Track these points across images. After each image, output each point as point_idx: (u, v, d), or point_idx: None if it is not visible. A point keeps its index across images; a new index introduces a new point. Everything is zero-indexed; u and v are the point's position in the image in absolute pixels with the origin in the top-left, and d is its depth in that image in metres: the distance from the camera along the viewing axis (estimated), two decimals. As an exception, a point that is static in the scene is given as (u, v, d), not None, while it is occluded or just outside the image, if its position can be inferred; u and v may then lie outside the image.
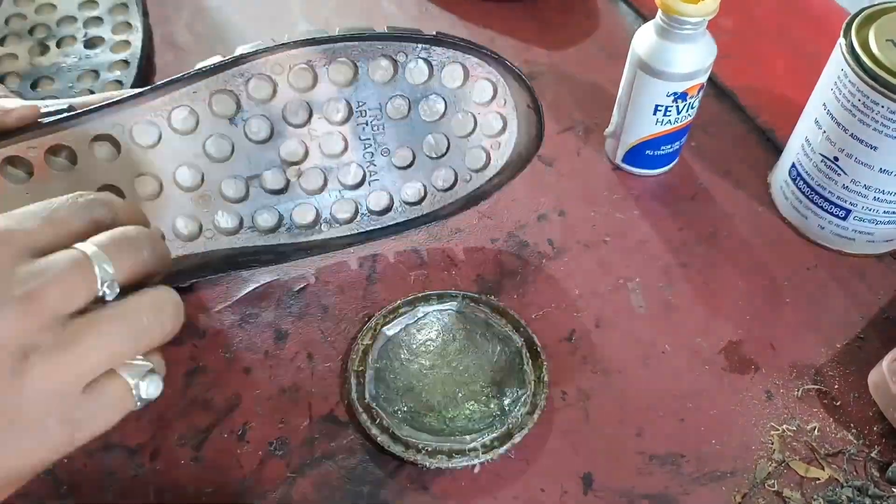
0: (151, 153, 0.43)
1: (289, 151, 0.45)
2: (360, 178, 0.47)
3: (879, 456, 0.43)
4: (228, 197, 0.45)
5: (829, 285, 0.51)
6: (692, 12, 0.48)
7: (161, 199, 0.44)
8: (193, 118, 0.43)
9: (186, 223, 0.45)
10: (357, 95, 0.44)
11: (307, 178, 0.46)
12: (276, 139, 0.44)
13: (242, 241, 0.47)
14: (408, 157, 0.47)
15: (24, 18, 0.62)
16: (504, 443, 0.42)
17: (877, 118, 0.45)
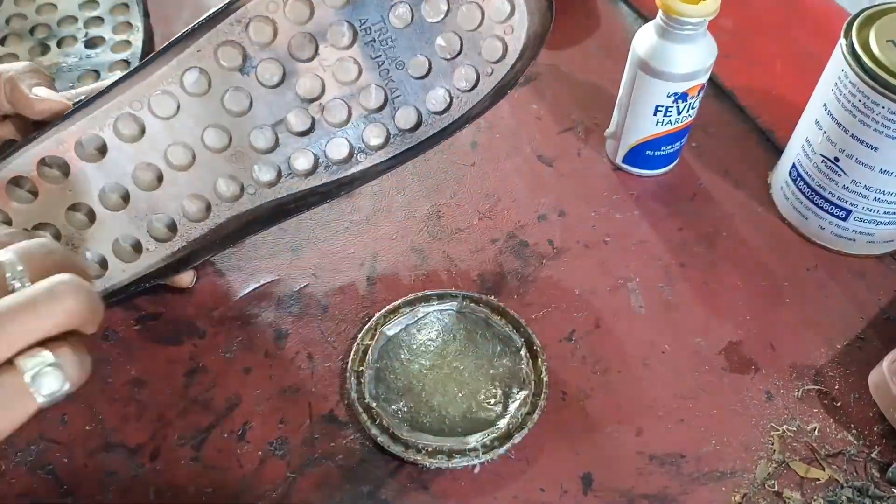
0: (175, 122, 0.43)
1: (305, 89, 0.44)
2: (383, 99, 0.46)
3: (880, 456, 0.43)
4: (259, 148, 0.45)
5: (830, 286, 0.51)
6: (693, 13, 0.48)
7: (196, 165, 0.44)
8: (205, 78, 0.42)
9: (227, 184, 0.45)
10: (357, 14, 0.43)
11: (330, 112, 0.45)
12: (290, 79, 0.43)
13: (285, 189, 0.46)
14: (424, 65, 0.45)
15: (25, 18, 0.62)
16: (504, 443, 0.42)
17: (877, 119, 0.45)
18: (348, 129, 0.46)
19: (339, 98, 0.45)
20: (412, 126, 0.47)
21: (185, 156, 0.44)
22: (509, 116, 0.61)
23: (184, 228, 0.45)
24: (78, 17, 0.62)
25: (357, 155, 0.47)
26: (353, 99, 0.45)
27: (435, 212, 0.54)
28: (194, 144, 0.44)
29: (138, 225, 0.45)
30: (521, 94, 0.63)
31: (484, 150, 0.58)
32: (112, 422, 0.44)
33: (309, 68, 0.43)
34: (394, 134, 0.47)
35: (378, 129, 0.47)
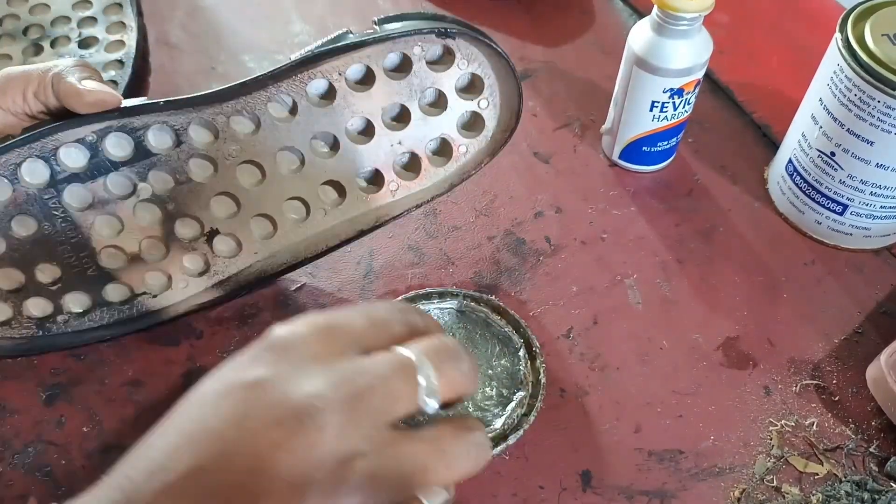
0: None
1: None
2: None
3: (878, 450, 0.43)
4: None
5: (827, 280, 0.51)
6: (688, 8, 0.47)
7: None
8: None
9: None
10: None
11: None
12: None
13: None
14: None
15: (18, 19, 0.61)
16: (498, 443, 0.42)
17: (873, 113, 0.45)
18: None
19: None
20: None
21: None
22: (505, 113, 0.61)
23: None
24: (71, 17, 0.62)
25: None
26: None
27: (431, 209, 0.54)
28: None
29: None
30: (516, 90, 0.62)
31: (480, 147, 0.58)
32: (110, 423, 0.44)
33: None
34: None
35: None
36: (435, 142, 0.45)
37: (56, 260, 0.42)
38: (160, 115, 0.40)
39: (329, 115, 0.43)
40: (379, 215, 0.46)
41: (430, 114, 0.44)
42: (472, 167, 0.46)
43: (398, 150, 0.45)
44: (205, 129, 0.42)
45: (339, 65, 0.41)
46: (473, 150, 0.46)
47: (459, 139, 0.45)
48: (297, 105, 0.42)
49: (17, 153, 0.39)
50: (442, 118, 0.44)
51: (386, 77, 0.42)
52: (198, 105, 0.41)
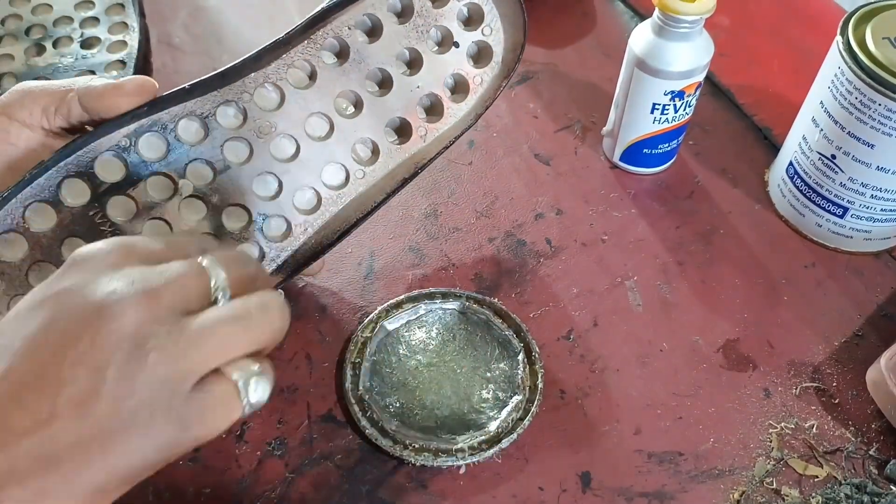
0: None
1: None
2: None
3: (878, 453, 0.43)
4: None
5: (827, 283, 0.51)
6: (689, 10, 0.48)
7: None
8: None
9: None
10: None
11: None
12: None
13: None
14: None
15: (21, 19, 0.62)
16: (492, 446, 0.42)
17: (874, 116, 0.45)
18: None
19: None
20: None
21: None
22: (506, 115, 0.61)
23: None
24: (74, 18, 0.62)
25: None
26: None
27: (432, 211, 0.54)
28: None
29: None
30: (518, 92, 0.63)
31: (481, 148, 0.58)
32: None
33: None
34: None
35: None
36: (451, 79, 0.45)
37: None
38: (186, 104, 0.40)
39: (347, 72, 0.43)
40: (416, 162, 0.46)
41: (440, 52, 0.44)
42: (491, 94, 0.46)
43: (418, 94, 0.45)
44: (232, 111, 0.41)
45: (346, 19, 0.41)
46: (488, 77, 0.46)
47: (473, 71, 0.45)
48: (315, 68, 0.42)
49: (54, 173, 0.39)
50: (452, 55, 0.44)
51: (392, 23, 0.42)
52: (220, 85, 0.40)
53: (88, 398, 0.28)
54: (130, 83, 0.39)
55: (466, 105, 0.46)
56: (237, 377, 0.30)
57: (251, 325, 0.31)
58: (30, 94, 0.39)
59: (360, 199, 0.45)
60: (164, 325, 0.29)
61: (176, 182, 0.41)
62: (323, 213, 0.45)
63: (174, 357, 0.29)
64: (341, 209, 0.45)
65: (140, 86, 0.39)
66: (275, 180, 0.43)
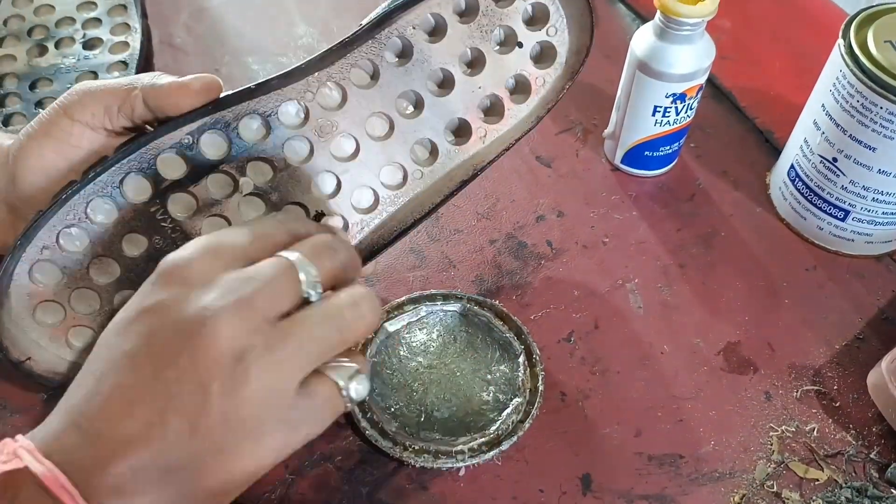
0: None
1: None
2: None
3: (878, 457, 0.43)
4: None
5: (828, 286, 0.51)
6: (691, 13, 0.48)
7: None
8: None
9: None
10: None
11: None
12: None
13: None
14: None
15: (23, 20, 0.62)
16: (492, 448, 0.42)
17: (875, 119, 0.45)
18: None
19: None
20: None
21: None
22: (508, 117, 0.61)
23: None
24: (76, 19, 0.62)
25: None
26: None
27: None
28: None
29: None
30: (519, 94, 0.63)
31: (482, 150, 0.58)
32: (110, 423, 0.44)
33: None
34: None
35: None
36: (512, 79, 0.45)
37: None
38: (250, 103, 0.40)
39: (409, 72, 0.42)
40: (475, 164, 0.45)
41: (503, 52, 0.44)
42: (553, 96, 0.45)
43: (479, 94, 0.44)
44: (294, 110, 0.42)
45: (411, 19, 0.41)
46: (550, 79, 0.45)
47: (535, 72, 0.45)
48: (378, 68, 0.42)
49: (117, 170, 0.39)
50: (514, 55, 0.44)
51: (456, 23, 0.42)
52: (284, 84, 0.40)
53: (196, 413, 0.28)
54: (197, 81, 0.39)
55: (527, 107, 0.45)
56: (338, 378, 0.31)
57: (344, 325, 0.31)
58: (92, 94, 0.39)
59: (418, 200, 0.45)
60: (261, 334, 0.29)
61: (236, 180, 0.41)
62: (380, 212, 0.45)
63: (275, 367, 0.29)
64: (398, 209, 0.45)
65: (207, 85, 0.39)
66: (334, 179, 0.43)
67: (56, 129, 0.39)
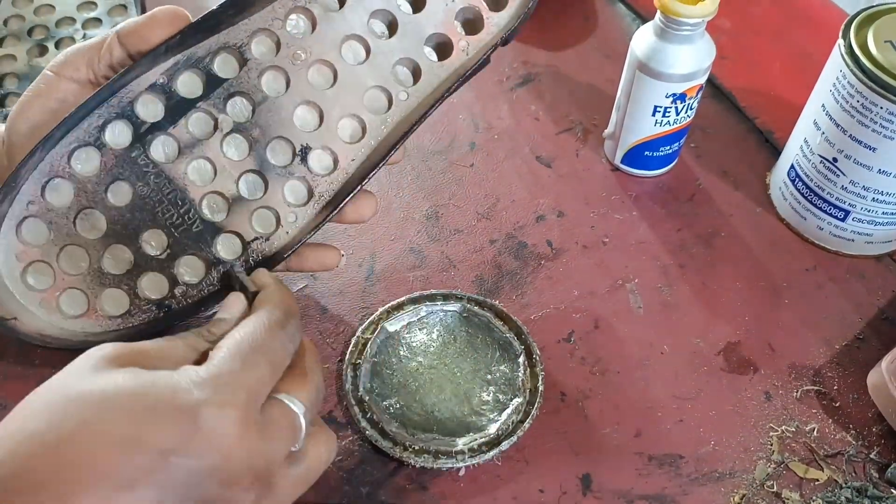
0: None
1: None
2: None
3: (878, 457, 0.43)
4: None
5: (828, 286, 0.51)
6: (691, 13, 0.48)
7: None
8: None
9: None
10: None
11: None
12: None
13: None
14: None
15: (23, 20, 0.62)
16: (492, 448, 0.42)
17: (875, 119, 0.45)
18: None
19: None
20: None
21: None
22: (508, 117, 0.61)
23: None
24: (76, 19, 0.62)
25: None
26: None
27: (434, 212, 0.54)
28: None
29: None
30: (519, 94, 0.63)
31: (482, 150, 0.58)
32: (110, 423, 0.44)
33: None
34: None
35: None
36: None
37: (159, 224, 0.41)
38: (219, 35, 0.40)
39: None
40: (459, 74, 0.44)
41: None
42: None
43: (454, 7, 0.43)
44: (266, 40, 0.41)
45: None
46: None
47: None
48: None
49: (95, 116, 0.40)
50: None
51: None
52: (247, 12, 0.40)
53: None
54: (161, 12, 0.39)
55: (507, 12, 0.43)
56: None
57: (321, 469, 0.36)
58: (76, 50, 0.40)
59: (405, 120, 0.43)
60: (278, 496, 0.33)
61: (216, 118, 0.41)
62: (369, 140, 0.43)
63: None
64: (386, 135, 0.43)
65: (171, 14, 0.39)
66: (315, 109, 0.42)
67: (43, 87, 0.40)
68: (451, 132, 0.60)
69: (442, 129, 0.60)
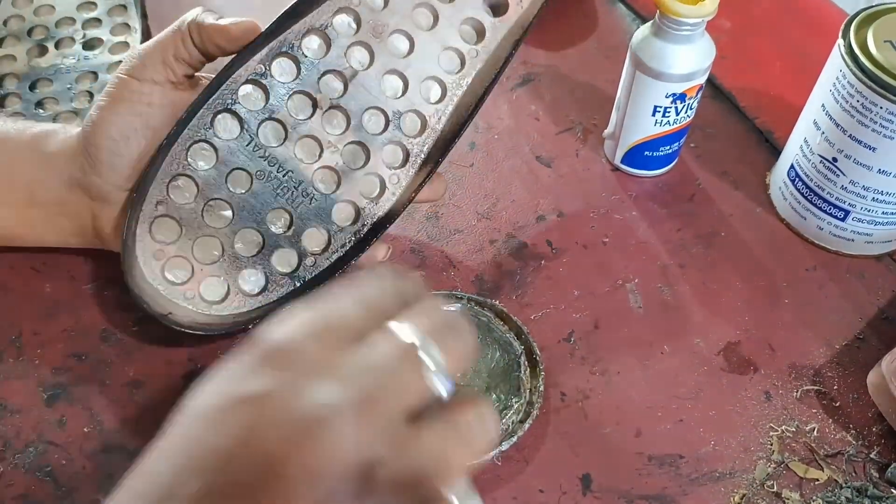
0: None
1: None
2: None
3: (879, 457, 0.43)
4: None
5: (828, 286, 0.51)
6: (691, 13, 0.48)
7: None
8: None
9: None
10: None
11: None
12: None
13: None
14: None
15: (23, 20, 0.62)
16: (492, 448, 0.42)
17: (875, 119, 0.45)
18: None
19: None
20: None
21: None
22: (508, 117, 0.61)
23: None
24: (76, 19, 0.62)
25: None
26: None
27: (433, 212, 0.54)
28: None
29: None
30: (519, 94, 0.63)
31: (482, 150, 0.58)
32: (111, 423, 0.44)
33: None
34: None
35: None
36: None
37: (280, 204, 0.45)
38: (305, 19, 0.43)
39: None
40: (522, 24, 0.47)
41: None
42: None
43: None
44: (346, 18, 0.44)
45: None
46: None
47: None
48: None
49: (205, 113, 0.42)
50: None
51: None
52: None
53: None
54: (237, 27, 0.41)
55: None
56: (454, 497, 0.26)
57: (472, 443, 0.27)
58: (148, 51, 0.41)
59: (482, 75, 0.47)
60: (390, 443, 0.24)
61: (314, 97, 0.44)
62: (451, 97, 0.46)
63: (405, 486, 0.24)
64: (466, 91, 0.47)
65: (247, 29, 0.42)
66: (400, 77, 0.46)
67: (126, 93, 0.40)
68: (450, 132, 0.60)
69: (442, 129, 0.60)
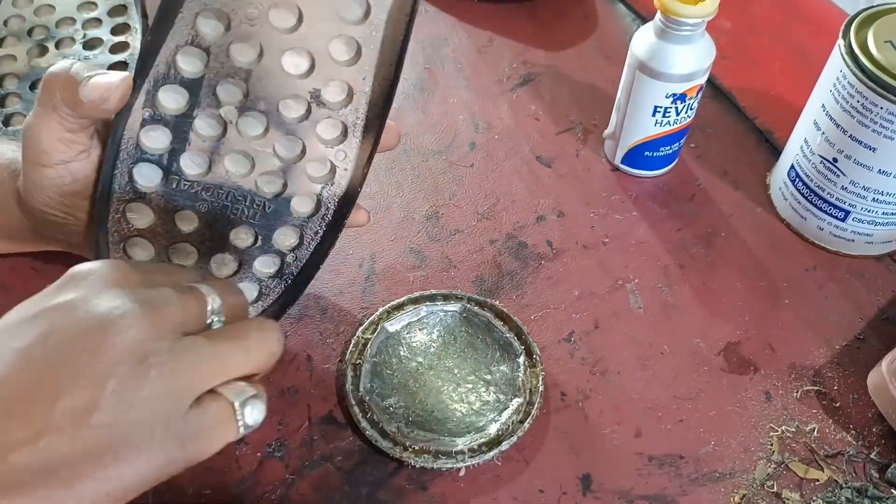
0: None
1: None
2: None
3: (879, 457, 0.43)
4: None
5: (828, 286, 0.51)
6: (691, 13, 0.48)
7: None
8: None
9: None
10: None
11: None
12: None
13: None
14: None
15: (23, 20, 0.62)
16: (492, 448, 0.42)
17: (875, 119, 0.45)
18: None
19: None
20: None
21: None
22: (508, 117, 0.61)
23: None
24: (76, 19, 0.62)
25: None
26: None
27: (434, 213, 0.54)
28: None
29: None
30: (519, 95, 0.63)
31: (483, 150, 0.58)
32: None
33: None
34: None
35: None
36: None
37: (239, 222, 0.42)
38: (167, 42, 0.39)
39: None
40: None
41: None
42: None
43: None
44: (209, 20, 0.39)
45: None
46: None
47: None
48: None
49: (119, 174, 0.40)
50: None
51: None
52: (175, 5, 0.39)
53: (86, 410, 0.28)
54: (116, 96, 0.38)
55: None
56: (234, 398, 0.31)
57: (250, 348, 0.32)
58: (39, 136, 0.38)
59: (393, 18, 0.40)
60: (166, 342, 0.30)
61: (217, 113, 0.40)
62: (369, 54, 0.40)
63: (175, 374, 0.29)
64: (382, 38, 0.40)
65: (108, 89, 0.38)
66: (299, 53, 0.40)
67: (46, 173, 0.39)
68: (451, 132, 0.60)
69: (442, 129, 0.60)
